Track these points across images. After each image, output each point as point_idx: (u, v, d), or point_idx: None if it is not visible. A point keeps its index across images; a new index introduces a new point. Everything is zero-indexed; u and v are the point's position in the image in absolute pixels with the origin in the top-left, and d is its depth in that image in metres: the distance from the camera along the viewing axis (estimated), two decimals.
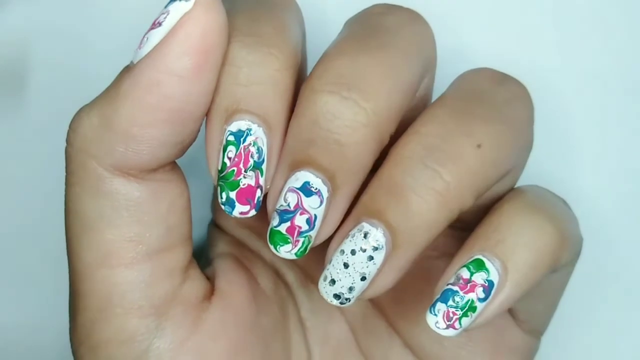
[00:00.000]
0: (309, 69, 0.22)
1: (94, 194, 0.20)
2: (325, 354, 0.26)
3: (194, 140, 0.21)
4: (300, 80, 0.21)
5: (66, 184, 0.21)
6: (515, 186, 0.23)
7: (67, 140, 0.21)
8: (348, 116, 0.20)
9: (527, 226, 0.21)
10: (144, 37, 0.20)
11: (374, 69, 0.20)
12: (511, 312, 0.24)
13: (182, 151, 0.21)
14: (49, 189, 0.27)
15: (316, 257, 0.26)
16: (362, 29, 0.22)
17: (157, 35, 0.19)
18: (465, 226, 0.23)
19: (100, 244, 0.21)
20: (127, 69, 0.20)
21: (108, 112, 0.20)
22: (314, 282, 0.26)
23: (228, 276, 0.24)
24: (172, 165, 0.21)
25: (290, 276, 0.26)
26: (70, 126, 0.21)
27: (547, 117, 0.24)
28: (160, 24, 0.19)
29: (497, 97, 0.22)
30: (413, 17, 0.22)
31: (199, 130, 0.21)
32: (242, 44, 0.20)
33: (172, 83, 0.19)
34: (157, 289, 0.21)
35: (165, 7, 0.19)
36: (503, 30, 0.28)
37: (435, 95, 0.23)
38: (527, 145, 0.23)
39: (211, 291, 0.23)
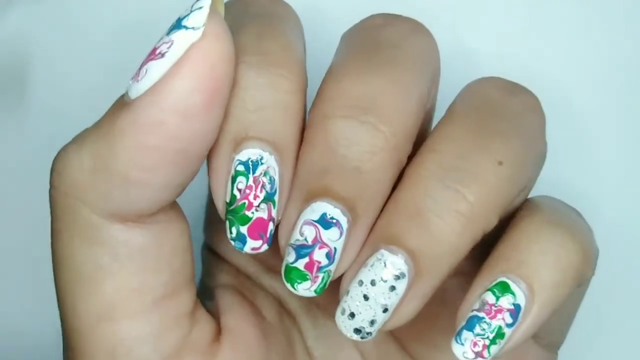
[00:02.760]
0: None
1: (88, 243, 0.18)
2: None
3: (194, 177, 0.19)
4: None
5: (53, 231, 0.19)
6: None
7: (51, 183, 0.19)
8: (367, 141, 0.19)
9: (550, 244, 0.20)
10: (141, 67, 0.17)
11: (385, 89, 0.19)
12: None
13: (183, 190, 0.19)
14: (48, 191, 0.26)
15: None
16: (365, 45, 0.20)
17: (159, 67, 0.17)
18: (477, 244, 0.22)
19: (99, 297, 0.19)
20: (123, 104, 0.17)
21: (103, 153, 0.18)
22: (319, 308, 0.25)
23: (234, 312, 0.23)
24: (172, 204, 0.20)
25: (293, 303, 0.25)
26: (54, 168, 0.19)
27: (556, 122, 0.23)
28: (162, 55, 0.17)
29: (510, 109, 0.21)
30: (415, 27, 0.21)
31: (199, 168, 0.19)
32: (249, 65, 0.19)
33: (178, 123, 0.17)
34: (166, 340, 0.20)
35: (168, 34, 0.17)
36: (504, 32, 0.28)
37: (438, 104, 0.22)
38: (542, 156, 0.22)
39: (218, 330, 0.22)
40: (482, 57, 0.27)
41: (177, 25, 0.17)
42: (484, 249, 0.21)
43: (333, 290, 0.24)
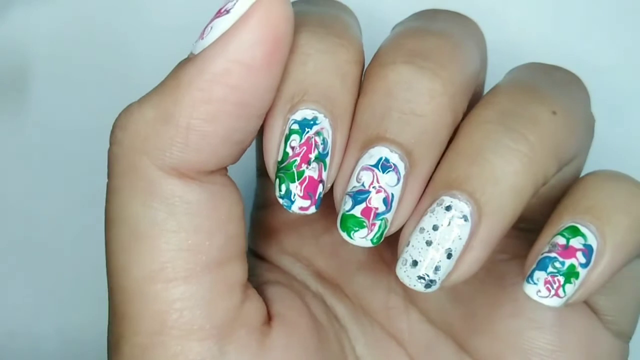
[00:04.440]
0: None
1: (146, 198, 0.18)
2: None
3: (252, 141, 0.19)
4: None
5: (110, 190, 0.19)
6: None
7: (113, 140, 0.19)
8: (425, 84, 0.19)
9: (618, 189, 0.19)
10: (207, 26, 0.18)
11: (443, 46, 0.20)
12: (597, 312, 0.22)
13: (240, 153, 0.19)
14: (48, 191, 0.25)
15: (369, 284, 0.24)
16: (417, 25, 0.21)
17: (224, 22, 0.18)
18: (531, 227, 0.21)
19: (153, 255, 0.18)
20: (189, 59, 0.18)
21: (167, 104, 0.18)
22: (366, 315, 0.24)
23: (285, 302, 0.22)
24: (226, 172, 0.20)
25: (340, 309, 0.24)
26: (116, 124, 0.19)
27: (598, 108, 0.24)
28: (227, 11, 0.18)
29: (556, 79, 0.21)
30: (463, 18, 0.22)
31: (257, 131, 0.19)
32: (312, 33, 0.19)
33: (241, 73, 0.18)
34: (218, 307, 0.19)
35: None
36: (545, 26, 0.28)
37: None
38: (591, 126, 0.22)
39: (268, 316, 0.21)
40: (525, 49, 0.28)
41: None
42: (557, 206, 0.20)
43: (380, 294, 0.23)
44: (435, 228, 0.19)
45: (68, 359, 0.21)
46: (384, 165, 0.19)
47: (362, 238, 0.19)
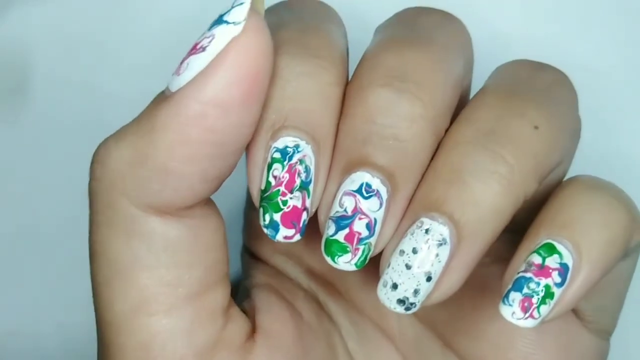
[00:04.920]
0: None
1: (125, 236, 0.18)
2: None
3: (231, 173, 0.19)
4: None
5: (91, 223, 0.19)
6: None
7: (93, 175, 0.19)
8: (405, 108, 0.19)
9: (595, 204, 0.19)
10: (183, 62, 0.18)
11: (422, 62, 0.19)
12: (577, 312, 0.22)
13: (220, 184, 0.19)
14: (48, 191, 0.26)
15: (361, 280, 0.24)
16: (400, 29, 0.21)
17: (200, 61, 0.17)
18: (516, 228, 0.21)
19: (135, 290, 0.19)
20: (164, 98, 0.18)
21: (143, 146, 0.18)
22: (358, 311, 0.24)
23: (271, 312, 0.22)
24: (207, 199, 0.20)
25: (333, 306, 0.24)
26: (95, 158, 0.19)
27: (588, 105, 0.23)
28: (203, 49, 0.17)
29: (541, 82, 0.21)
30: (447, 17, 0.22)
31: (236, 164, 0.19)
32: (292, 56, 0.19)
33: (218, 115, 0.17)
34: (199, 336, 0.19)
35: (209, 29, 0.18)
36: (534, 17, 0.28)
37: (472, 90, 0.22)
38: (576, 130, 0.22)
39: (253, 329, 0.21)
40: (513, 43, 0.27)
41: (219, 20, 0.18)
42: (533, 221, 0.20)
43: (372, 287, 0.24)
44: (414, 251, 0.19)
45: (68, 359, 0.22)
46: (366, 191, 0.19)
47: (346, 262, 0.19)
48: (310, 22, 0.20)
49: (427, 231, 0.19)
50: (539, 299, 0.19)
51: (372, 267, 0.24)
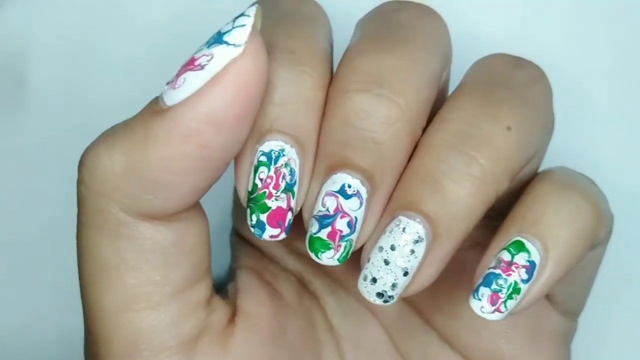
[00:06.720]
0: None
1: (114, 238, 0.19)
2: (361, 358, 0.25)
3: (219, 179, 0.20)
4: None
5: (79, 224, 0.20)
6: (541, 169, 0.23)
7: (80, 179, 0.19)
8: (382, 113, 0.20)
9: (563, 203, 0.21)
10: (179, 76, 0.18)
11: (398, 65, 0.20)
12: (547, 295, 0.24)
13: (205, 192, 0.20)
14: (47, 191, 0.26)
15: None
16: (378, 28, 0.21)
17: (197, 79, 0.18)
18: (493, 214, 0.23)
19: (122, 289, 0.20)
20: (160, 111, 0.18)
21: (135, 156, 0.18)
22: (343, 287, 0.26)
23: (250, 294, 0.24)
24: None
25: (317, 284, 0.26)
26: (83, 163, 0.19)
27: (562, 100, 0.24)
28: (202, 67, 0.18)
29: (516, 80, 0.22)
30: (426, 12, 0.22)
31: (224, 173, 0.20)
32: (278, 62, 0.20)
33: (212, 133, 0.18)
34: (184, 327, 0.21)
35: (208, 47, 0.18)
36: (512, 14, 0.28)
37: (450, 85, 0.23)
38: (549, 126, 0.23)
39: (234, 312, 0.23)
40: (491, 38, 0.28)
41: (218, 39, 0.18)
42: (502, 222, 0.21)
43: (356, 267, 0.25)
44: (392, 248, 0.20)
45: (68, 359, 0.23)
46: (346, 192, 0.20)
47: (329, 258, 0.20)
48: (295, 23, 0.21)
49: (404, 229, 0.20)
50: (506, 294, 0.20)
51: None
